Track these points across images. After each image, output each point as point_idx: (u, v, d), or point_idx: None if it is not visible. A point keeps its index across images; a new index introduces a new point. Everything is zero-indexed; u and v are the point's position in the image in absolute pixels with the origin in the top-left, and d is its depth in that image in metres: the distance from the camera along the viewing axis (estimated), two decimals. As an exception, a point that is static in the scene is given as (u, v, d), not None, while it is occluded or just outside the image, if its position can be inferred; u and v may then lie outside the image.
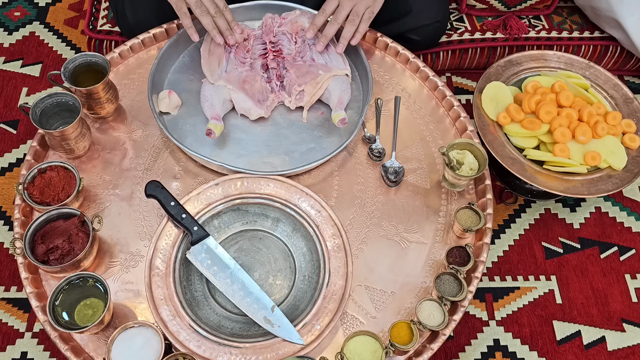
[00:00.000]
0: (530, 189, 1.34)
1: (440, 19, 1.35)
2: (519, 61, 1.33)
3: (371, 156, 1.14)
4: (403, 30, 1.34)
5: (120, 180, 1.11)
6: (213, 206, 1.04)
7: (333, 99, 1.14)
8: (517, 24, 1.47)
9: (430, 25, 1.34)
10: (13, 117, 1.42)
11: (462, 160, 1.08)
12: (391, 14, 1.33)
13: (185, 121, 1.17)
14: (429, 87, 1.24)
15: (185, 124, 1.16)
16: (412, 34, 1.35)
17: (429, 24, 1.34)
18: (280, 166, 1.12)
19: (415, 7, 1.32)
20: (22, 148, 1.36)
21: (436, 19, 1.34)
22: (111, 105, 1.15)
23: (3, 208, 1.28)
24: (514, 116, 1.22)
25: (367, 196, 1.11)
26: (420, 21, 1.33)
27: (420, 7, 1.32)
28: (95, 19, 1.45)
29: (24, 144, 1.37)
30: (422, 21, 1.33)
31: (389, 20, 1.33)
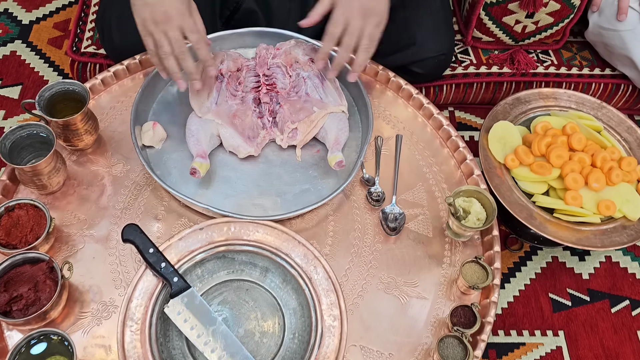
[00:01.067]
0: (537, 235, 1.26)
1: (445, 51, 1.27)
2: (527, 99, 1.26)
3: (370, 200, 1.06)
4: (406, 62, 1.26)
5: (96, 220, 1.02)
6: (196, 253, 0.95)
7: (329, 138, 1.06)
8: (524, 58, 1.40)
9: (434, 58, 1.27)
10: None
11: (469, 209, 1.00)
12: (394, 45, 1.25)
13: (169, 156, 1.08)
14: (433, 126, 1.16)
15: (169, 159, 1.07)
16: (415, 67, 1.27)
17: (433, 56, 1.26)
18: (272, 209, 1.03)
19: (419, 39, 1.24)
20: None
21: (441, 51, 1.27)
22: (90, 137, 1.06)
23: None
24: (523, 159, 1.14)
25: (364, 244, 1.02)
26: (424, 53, 1.25)
27: (424, 38, 1.24)
28: (80, 40, 1.36)
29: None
30: (427, 53, 1.25)
31: (392, 51, 1.26)
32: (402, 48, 1.25)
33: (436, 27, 1.25)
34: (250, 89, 1.09)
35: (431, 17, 1.25)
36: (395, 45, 1.25)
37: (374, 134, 1.14)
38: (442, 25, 1.26)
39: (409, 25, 1.24)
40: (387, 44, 1.25)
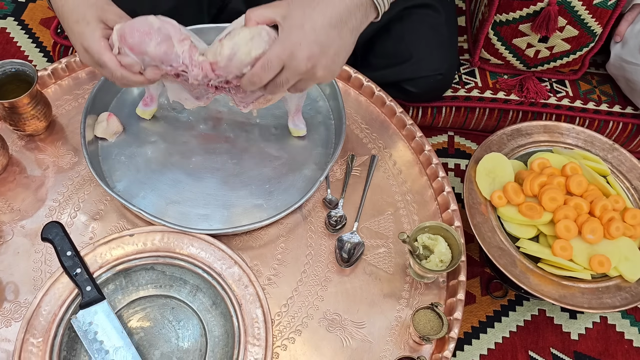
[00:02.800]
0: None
1: (443, 71, 1.16)
2: (529, 131, 1.13)
3: (328, 224, 0.95)
4: (399, 79, 1.15)
5: (30, 212, 0.94)
6: (121, 261, 0.86)
7: (290, 106, 0.95)
8: (535, 86, 1.26)
9: (430, 77, 1.15)
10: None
11: (433, 248, 0.88)
12: (387, 59, 1.15)
13: (121, 151, 1.00)
14: (415, 149, 1.05)
15: (121, 154, 0.99)
16: (408, 85, 1.16)
17: (429, 75, 1.15)
18: (216, 222, 0.93)
19: (415, 55, 1.13)
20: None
21: (438, 70, 1.15)
22: (39, 123, 0.99)
23: None
24: (512, 198, 1.01)
25: (313, 273, 0.91)
26: (419, 71, 1.14)
27: (421, 55, 1.13)
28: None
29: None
30: (422, 71, 1.14)
31: (384, 65, 1.15)
32: (395, 63, 1.14)
33: (435, 44, 1.14)
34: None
35: (431, 32, 1.13)
36: (388, 59, 1.15)
37: (347, 151, 1.03)
38: (442, 42, 1.15)
39: (405, 40, 1.13)
40: (380, 57, 1.15)
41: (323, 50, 0.73)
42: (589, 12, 1.12)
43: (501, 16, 1.17)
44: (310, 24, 0.72)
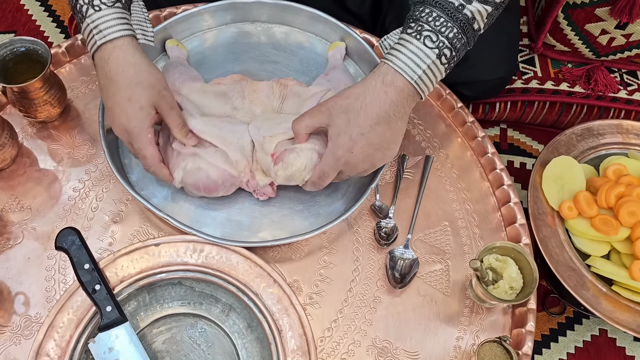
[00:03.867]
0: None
1: (502, 75, 1.03)
2: (601, 131, 1.00)
3: (377, 236, 0.84)
4: (453, 82, 1.01)
5: (43, 211, 0.84)
6: (146, 273, 0.76)
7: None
8: (604, 78, 1.13)
9: (488, 81, 1.02)
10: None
11: (501, 272, 0.77)
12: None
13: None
14: (475, 151, 0.92)
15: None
16: (463, 88, 1.03)
17: (487, 80, 1.01)
18: (251, 230, 0.82)
19: (472, 56, 0.98)
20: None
21: (498, 75, 1.02)
22: (52, 109, 0.87)
23: None
24: (584, 209, 0.90)
25: (361, 292, 0.81)
26: (477, 75, 1.00)
27: (479, 57, 0.97)
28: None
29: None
30: (480, 75, 1.00)
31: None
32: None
33: (496, 44, 0.99)
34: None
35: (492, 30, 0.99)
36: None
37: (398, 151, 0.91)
38: (504, 42, 1.00)
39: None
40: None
41: (376, 147, 0.73)
42: (679, -3, 0.98)
43: (575, -2, 1.03)
44: (357, 130, 0.71)
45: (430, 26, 0.70)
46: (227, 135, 0.81)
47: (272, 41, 1.00)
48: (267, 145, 0.80)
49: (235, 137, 0.82)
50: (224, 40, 0.99)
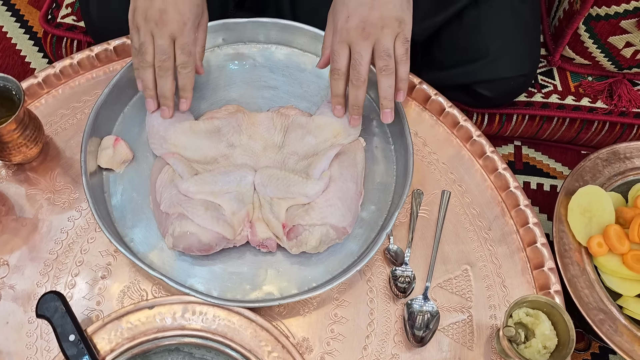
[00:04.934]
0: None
1: (526, 71, 0.94)
2: (628, 154, 0.93)
3: (393, 287, 0.76)
4: (471, 81, 0.94)
5: (22, 266, 0.75)
6: (140, 340, 0.68)
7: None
8: (629, 93, 1.05)
9: (511, 79, 0.93)
10: None
11: (533, 328, 0.69)
12: (458, 55, 0.93)
13: (132, 185, 0.80)
14: (496, 185, 0.84)
15: (132, 190, 0.80)
16: (482, 87, 0.95)
17: (509, 77, 0.93)
18: (255, 283, 0.74)
19: (493, 50, 0.91)
20: None
21: (522, 71, 0.93)
22: (28, 151, 0.79)
23: None
24: (614, 245, 0.82)
25: (377, 350, 0.73)
26: (498, 71, 0.92)
27: (500, 51, 0.90)
28: (58, 6, 1.08)
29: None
30: (501, 72, 0.92)
31: (454, 63, 0.94)
32: (468, 60, 0.93)
33: (519, 36, 0.91)
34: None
35: (514, 20, 0.91)
36: (460, 55, 0.93)
37: (411, 187, 0.83)
38: (527, 33, 0.92)
39: (482, 30, 0.91)
40: (450, 52, 0.94)
41: (369, 4, 0.70)
42: None
43: (599, 9, 0.94)
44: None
45: None
46: (222, 187, 0.74)
47: (269, 64, 0.91)
48: (276, 208, 0.74)
49: (233, 186, 0.74)
50: (217, 64, 0.90)
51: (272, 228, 0.74)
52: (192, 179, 0.74)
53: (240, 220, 0.74)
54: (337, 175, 0.76)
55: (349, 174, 0.76)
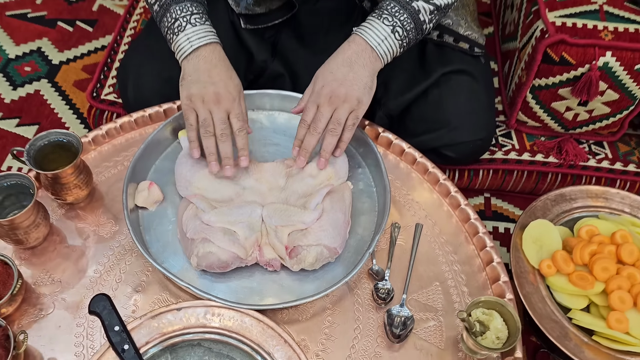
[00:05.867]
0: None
1: (482, 136, 1.15)
2: (573, 196, 1.11)
3: (375, 297, 0.92)
4: (437, 145, 1.14)
5: (71, 283, 0.93)
6: (168, 336, 0.84)
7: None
8: (574, 149, 1.25)
9: (470, 142, 1.14)
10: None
11: (488, 324, 0.85)
12: (425, 125, 1.14)
13: (163, 220, 0.98)
14: (459, 218, 1.03)
15: (162, 224, 0.98)
16: (447, 150, 1.15)
17: (468, 141, 1.13)
18: (264, 295, 0.91)
19: (453, 121, 1.12)
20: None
21: (478, 136, 1.14)
22: (80, 192, 0.98)
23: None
24: (562, 267, 0.99)
25: (363, 348, 0.88)
26: (458, 137, 1.13)
27: (459, 121, 1.12)
28: (102, 86, 1.32)
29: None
30: (461, 137, 1.13)
31: (422, 131, 1.14)
32: (434, 129, 1.13)
33: (474, 110, 1.13)
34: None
35: (469, 98, 1.13)
36: (426, 125, 1.14)
37: (391, 220, 1.01)
38: (481, 108, 1.14)
39: (443, 106, 1.12)
40: (418, 123, 1.15)
41: (339, 83, 0.94)
42: (630, 77, 1.12)
43: (540, 80, 1.17)
44: (328, 70, 0.96)
45: (388, 12, 0.97)
46: (236, 218, 0.92)
47: (273, 126, 1.12)
48: (280, 234, 0.92)
49: (245, 217, 0.93)
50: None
51: (277, 250, 0.92)
52: (212, 211, 0.93)
53: (251, 244, 0.92)
54: (329, 207, 0.94)
55: (338, 207, 0.95)
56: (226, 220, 0.92)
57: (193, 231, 0.92)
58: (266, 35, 1.19)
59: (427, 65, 1.14)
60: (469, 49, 1.14)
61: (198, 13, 1.00)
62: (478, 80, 1.13)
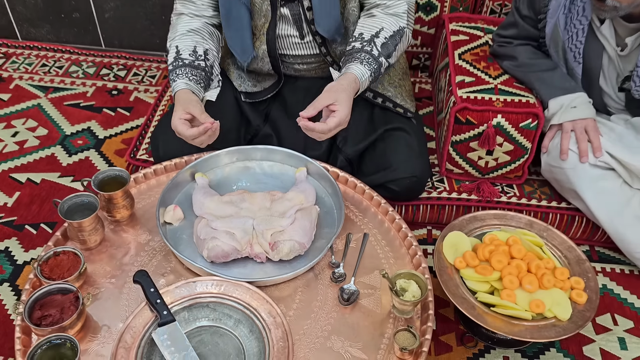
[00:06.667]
0: (491, 337, 1.45)
1: (417, 174, 1.57)
2: (483, 218, 1.51)
3: (332, 278, 1.31)
4: (384, 181, 1.56)
5: (118, 272, 1.31)
6: (186, 299, 1.21)
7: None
8: (489, 188, 1.67)
9: (407, 178, 1.56)
10: (53, 219, 1.69)
11: (407, 288, 1.23)
12: (375, 167, 1.57)
13: (182, 232, 1.39)
14: (395, 229, 1.43)
15: (182, 234, 1.38)
16: (392, 185, 1.57)
17: (405, 177, 1.56)
18: (255, 276, 1.29)
19: (394, 163, 1.56)
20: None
21: (413, 174, 1.56)
22: (126, 212, 1.40)
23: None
24: (469, 262, 1.37)
25: (322, 312, 1.25)
26: (397, 175, 1.56)
27: (398, 164, 1.55)
28: (137, 149, 1.78)
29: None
30: (400, 175, 1.56)
31: (373, 172, 1.57)
32: (380, 169, 1.57)
33: (409, 156, 1.57)
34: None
35: (405, 148, 1.57)
36: (375, 167, 1.57)
37: (347, 230, 1.41)
38: (414, 154, 1.58)
39: (386, 153, 1.56)
40: (370, 166, 1.58)
41: (346, 113, 1.36)
42: (518, 132, 1.57)
43: (456, 137, 1.62)
44: (347, 104, 1.37)
45: (367, 60, 1.43)
46: (235, 225, 1.33)
47: (263, 171, 1.55)
48: (265, 235, 1.32)
49: (240, 224, 1.34)
50: (233, 172, 1.54)
51: (262, 246, 1.32)
52: (218, 220, 1.34)
53: (245, 242, 1.31)
54: (300, 217, 1.35)
55: (306, 218, 1.36)
56: (228, 226, 1.32)
57: (204, 234, 1.32)
58: (260, 107, 1.66)
59: (374, 124, 1.59)
60: (404, 112, 1.60)
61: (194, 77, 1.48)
62: (411, 135, 1.58)
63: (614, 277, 1.63)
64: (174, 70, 1.49)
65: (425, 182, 1.63)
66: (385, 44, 1.46)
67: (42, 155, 1.91)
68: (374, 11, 1.50)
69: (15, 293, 1.53)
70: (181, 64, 1.49)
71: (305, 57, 1.61)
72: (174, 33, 1.55)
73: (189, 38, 1.52)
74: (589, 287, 1.36)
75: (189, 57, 1.50)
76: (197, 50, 1.51)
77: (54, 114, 2.08)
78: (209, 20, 1.56)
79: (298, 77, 1.67)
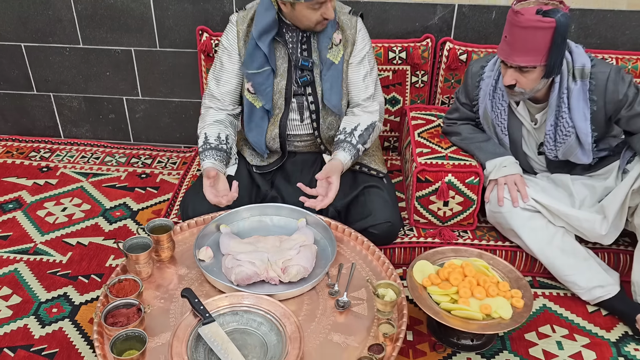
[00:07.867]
0: (456, 343, 1.85)
1: (391, 221, 2.03)
2: (443, 252, 1.96)
3: (330, 293, 1.72)
4: (366, 226, 2.02)
5: (165, 296, 1.72)
6: (222, 308, 1.62)
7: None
8: (448, 234, 2.13)
9: (384, 224, 2.02)
10: (101, 271, 2.10)
11: (386, 294, 1.65)
12: (358, 216, 2.03)
13: (213, 266, 1.81)
14: (375, 259, 1.87)
15: (213, 267, 1.80)
16: (372, 229, 2.02)
17: (383, 222, 2.02)
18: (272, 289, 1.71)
19: (373, 213, 2.02)
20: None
21: (388, 220, 2.02)
22: (169, 252, 1.82)
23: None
24: (433, 281, 1.81)
25: (324, 316, 1.66)
26: (376, 221, 2.01)
27: (376, 212, 2.01)
28: (168, 215, 2.22)
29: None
30: (377, 221, 2.01)
31: (357, 219, 2.03)
32: (362, 218, 2.03)
33: (384, 206, 2.03)
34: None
35: (381, 200, 2.05)
36: (359, 216, 2.04)
37: (339, 262, 1.84)
38: (388, 205, 2.05)
39: (367, 204, 2.04)
40: (354, 215, 2.05)
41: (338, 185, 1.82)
42: (465, 187, 2.06)
43: (418, 192, 2.10)
44: (337, 184, 1.86)
45: (348, 148, 1.94)
46: (254, 257, 1.76)
47: (272, 223, 2.00)
48: (278, 262, 1.75)
49: (258, 257, 1.77)
50: (251, 224, 1.99)
51: (276, 272, 1.74)
52: (241, 254, 1.77)
53: (262, 269, 1.74)
54: (303, 250, 1.79)
55: (308, 251, 1.80)
56: (249, 257, 1.75)
57: (231, 264, 1.74)
58: (267, 177, 2.15)
59: (356, 183, 2.08)
60: (377, 174, 2.10)
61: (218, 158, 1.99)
62: (384, 191, 2.06)
63: (552, 299, 2.06)
64: (203, 152, 1.99)
65: (398, 228, 2.09)
66: (362, 135, 2.02)
67: (88, 225, 2.35)
68: (355, 110, 2.08)
69: (75, 326, 1.89)
70: (208, 147, 1.99)
71: (303, 135, 2.12)
72: (203, 122, 2.07)
73: (215, 126, 2.04)
74: (525, 296, 1.79)
75: (214, 142, 2.00)
76: (220, 136, 2.02)
77: (94, 193, 2.53)
78: (230, 112, 2.09)
79: (297, 152, 2.17)
